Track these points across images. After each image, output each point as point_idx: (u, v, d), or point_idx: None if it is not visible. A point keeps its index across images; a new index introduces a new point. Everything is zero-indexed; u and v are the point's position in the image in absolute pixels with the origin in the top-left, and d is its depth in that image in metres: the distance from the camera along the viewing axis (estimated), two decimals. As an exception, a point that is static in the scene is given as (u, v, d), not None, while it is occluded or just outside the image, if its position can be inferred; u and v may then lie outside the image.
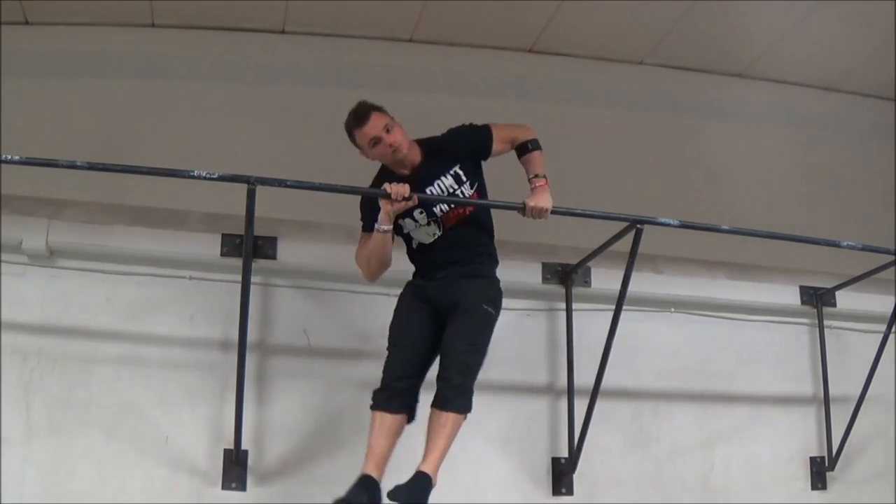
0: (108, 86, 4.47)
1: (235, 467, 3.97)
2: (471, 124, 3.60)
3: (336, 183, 3.56)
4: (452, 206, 3.49)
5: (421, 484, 3.20)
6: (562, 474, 4.33)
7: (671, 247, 4.55)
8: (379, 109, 3.45)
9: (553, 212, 3.51)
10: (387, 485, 3.24)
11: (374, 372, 4.17)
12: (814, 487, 4.66)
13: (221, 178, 3.43)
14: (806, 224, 4.49)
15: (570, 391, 4.37)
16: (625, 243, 3.83)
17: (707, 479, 4.54)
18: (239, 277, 3.68)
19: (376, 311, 4.26)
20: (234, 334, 3.75)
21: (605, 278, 4.40)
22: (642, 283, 4.24)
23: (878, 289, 4.61)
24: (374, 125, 3.41)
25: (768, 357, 4.78)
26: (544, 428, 4.40)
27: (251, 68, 4.66)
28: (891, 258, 4.16)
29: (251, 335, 3.89)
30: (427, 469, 3.23)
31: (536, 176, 3.54)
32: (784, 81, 5.31)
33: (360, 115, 3.42)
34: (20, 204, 4.04)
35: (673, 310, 4.69)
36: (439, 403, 3.29)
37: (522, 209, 3.49)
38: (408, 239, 3.59)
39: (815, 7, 4.61)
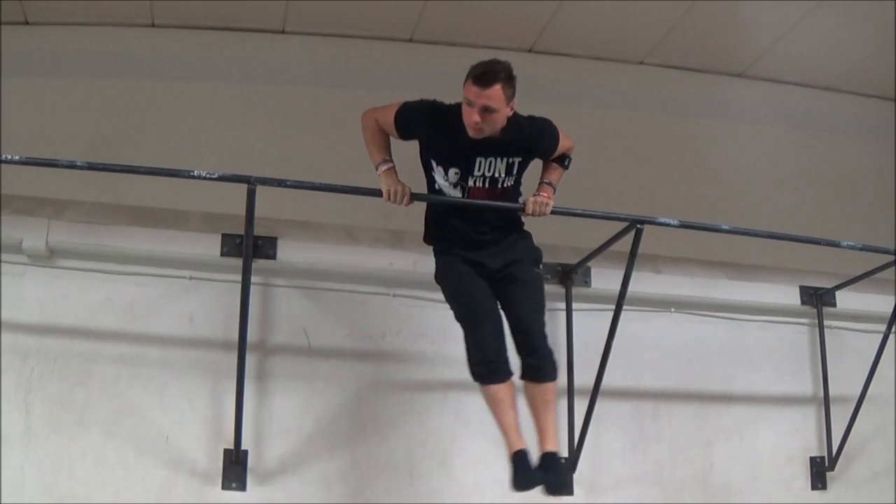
0: (108, 86, 4.48)
1: (235, 467, 3.97)
2: (555, 129, 3.49)
3: (336, 183, 3.56)
4: (487, 185, 3.38)
5: (559, 466, 3.42)
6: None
7: (671, 247, 4.56)
8: (510, 84, 3.18)
9: (553, 212, 3.52)
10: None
11: (373, 372, 4.20)
12: (814, 487, 4.66)
13: (221, 178, 3.43)
14: (806, 224, 4.50)
15: (570, 391, 4.37)
16: (625, 243, 3.83)
17: (707, 479, 4.54)
18: (239, 277, 3.68)
19: (376, 311, 4.27)
20: (234, 334, 3.75)
21: (605, 278, 4.40)
22: (642, 283, 4.24)
23: (878, 289, 4.61)
24: (487, 96, 3.13)
25: (768, 357, 4.78)
26: (544, 428, 4.39)
27: (251, 68, 4.66)
28: (891, 258, 4.16)
29: (251, 335, 3.89)
30: (554, 447, 3.38)
31: (549, 183, 3.54)
32: (784, 81, 5.32)
33: (484, 76, 3.13)
34: (20, 204, 4.04)
35: (673, 310, 4.69)
36: (538, 377, 3.36)
37: (523, 208, 3.49)
38: (432, 184, 3.44)
39: (815, 7, 4.61)
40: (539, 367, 3.35)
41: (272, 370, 4.17)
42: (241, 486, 3.97)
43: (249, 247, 3.65)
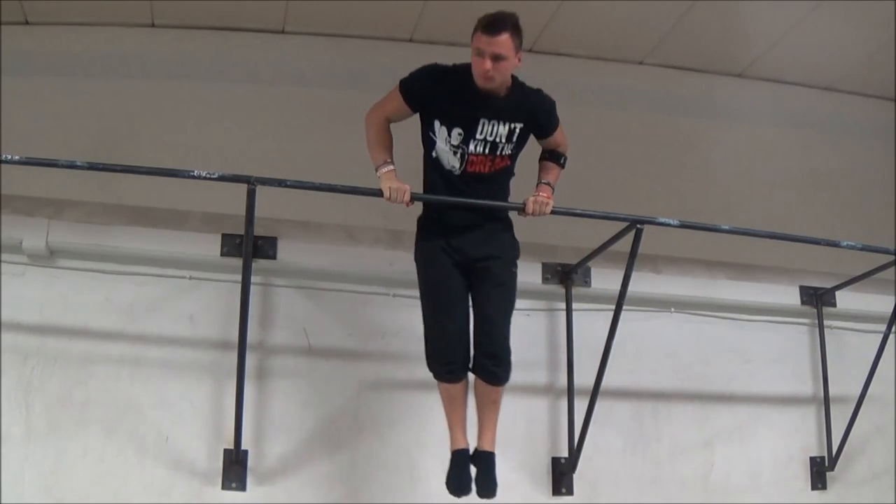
0: (108, 86, 4.47)
1: (235, 467, 3.97)
2: (555, 107, 3.56)
3: (336, 183, 3.56)
4: (487, 152, 3.40)
5: (492, 465, 3.47)
6: (562, 474, 4.33)
7: (671, 247, 4.56)
8: (518, 34, 3.26)
9: (553, 212, 3.52)
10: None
11: (373, 372, 4.21)
12: (814, 487, 4.66)
13: (221, 178, 3.43)
14: (806, 224, 4.50)
15: (570, 391, 4.37)
16: (625, 243, 3.83)
17: (707, 479, 4.54)
18: (239, 277, 3.68)
19: (376, 311, 4.27)
20: (234, 334, 3.75)
21: (605, 278, 4.40)
22: (642, 283, 4.24)
23: (878, 289, 4.61)
24: (497, 43, 3.20)
25: (768, 357, 4.78)
26: (544, 428, 4.40)
27: (251, 68, 4.66)
28: (891, 258, 4.16)
29: (251, 335, 3.89)
30: (490, 447, 3.49)
31: (548, 184, 3.57)
32: (784, 81, 5.31)
33: (493, 24, 3.22)
34: (20, 204, 4.05)
35: (673, 310, 4.69)
36: (491, 380, 3.44)
37: (523, 208, 3.49)
38: (432, 163, 3.45)
39: (815, 7, 4.61)
40: (495, 372, 3.44)
41: (272, 370, 4.17)
42: (241, 486, 3.97)
43: (249, 247, 3.65)
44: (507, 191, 3.57)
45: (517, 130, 3.43)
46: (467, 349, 3.45)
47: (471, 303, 3.49)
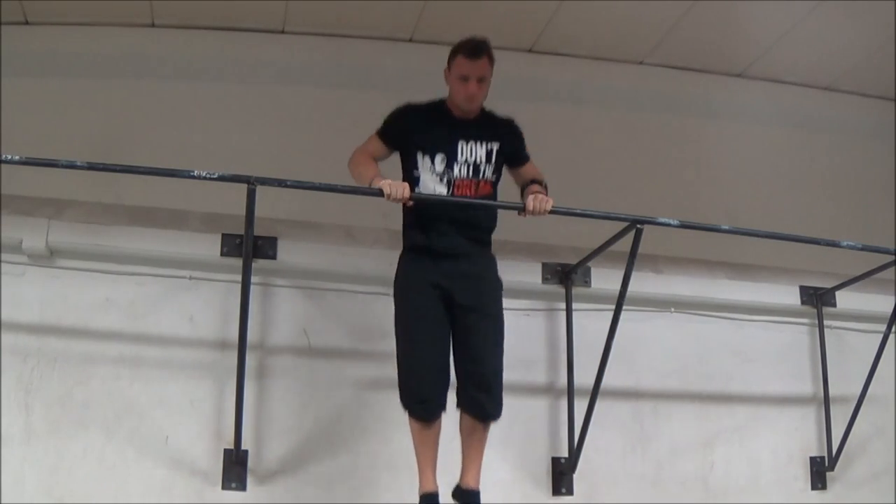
0: (108, 86, 4.47)
1: (235, 467, 3.97)
2: (523, 137, 3.65)
3: (336, 183, 3.56)
4: (471, 175, 3.46)
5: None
6: (562, 474, 4.33)
7: (671, 247, 4.56)
8: (492, 61, 3.45)
9: (553, 212, 3.51)
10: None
11: (374, 372, 4.20)
12: (814, 487, 4.66)
13: (221, 178, 3.43)
14: (806, 224, 4.50)
15: (570, 391, 4.37)
16: (625, 243, 3.83)
17: (707, 479, 4.54)
18: (239, 277, 3.68)
19: (376, 311, 4.26)
20: (234, 334, 3.75)
21: (605, 278, 4.39)
22: (642, 283, 4.24)
23: (878, 289, 4.61)
24: (480, 67, 3.40)
25: (768, 357, 4.78)
26: (544, 428, 4.40)
27: (251, 68, 4.66)
28: (891, 258, 4.15)
29: (251, 335, 3.89)
30: (475, 485, 3.40)
31: (539, 182, 3.58)
32: (784, 81, 5.31)
33: (476, 49, 3.41)
34: (20, 204, 4.04)
35: (673, 310, 4.69)
36: (481, 416, 3.37)
37: (522, 209, 3.49)
38: (412, 180, 3.47)
39: (815, 7, 4.60)
40: (486, 407, 3.36)
41: (272, 370, 4.17)
42: (241, 486, 3.97)
43: (249, 247, 3.65)
44: (495, 217, 3.59)
45: (494, 151, 3.50)
46: (446, 387, 3.37)
47: (455, 339, 3.41)
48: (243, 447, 3.94)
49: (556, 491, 4.32)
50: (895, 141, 5.33)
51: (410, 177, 3.49)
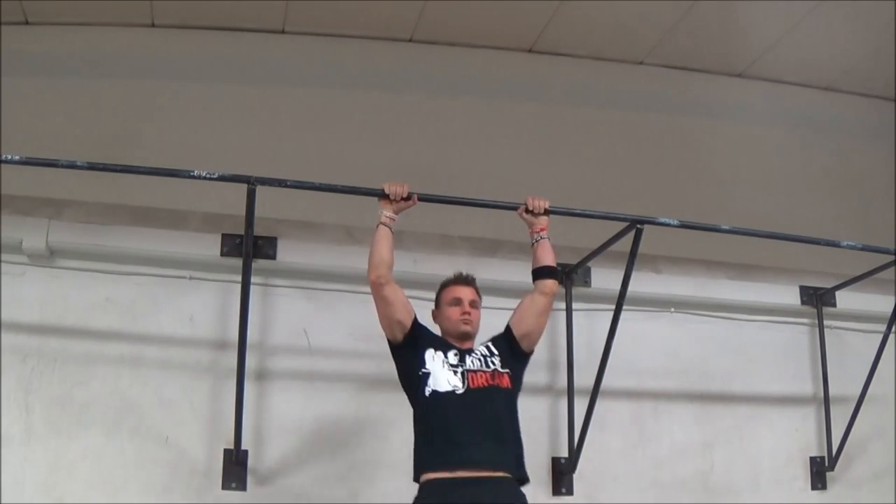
0: (108, 86, 4.47)
1: (235, 467, 3.97)
2: None
3: (336, 183, 3.56)
4: (484, 367, 3.35)
5: None
6: (562, 474, 4.33)
7: (671, 247, 4.56)
8: (480, 297, 3.52)
9: (553, 212, 3.52)
10: None
11: (374, 372, 4.20)
12: (814, 487, 4.66)
13: (221, 178, 3.43)
14: (806, 224, 4.50)
15: (570, 391, 4.37)
16: (625, 243, 3.84)
17: (707, 479, 4.54)
18: (239, 277, 3.68)
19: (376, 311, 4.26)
20: (234, 334, 3.75)
21: (605, 278, 4.39)
22: (642, 283, 4.24)
23: (878, 289, 4.61)
24: (472, 292, 3.48)
25: (768, 357, 4.78)
26: (544, 428, 4.39)
27: (251, 68, 4.66)
28: (891, 258, 4.16)
29: (251, 335, 3.89)
30: None
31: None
32: (784, 81, 5.32)
33: (466, 277, 3.53)
34: (20, 204, 4.04)
35: (673, 310, 4.69)
36: None
37: (523, 207, 3.49)
38: (428, 401, 3.32)
39: (815, 7, 4.61)
40: None
41: (272, 370, 4.17)
42: (241, 486, 3.97)
43: (249, 247, 3.65)
44: (516, 414, 3.36)
45: (491, 345, 3.44)
46: None
47: None
48: (243, 447, 3.94)
49: (556, 491, 4.32)
50: (895, 141, 5.33)
51: (416, 376, 3.35)
